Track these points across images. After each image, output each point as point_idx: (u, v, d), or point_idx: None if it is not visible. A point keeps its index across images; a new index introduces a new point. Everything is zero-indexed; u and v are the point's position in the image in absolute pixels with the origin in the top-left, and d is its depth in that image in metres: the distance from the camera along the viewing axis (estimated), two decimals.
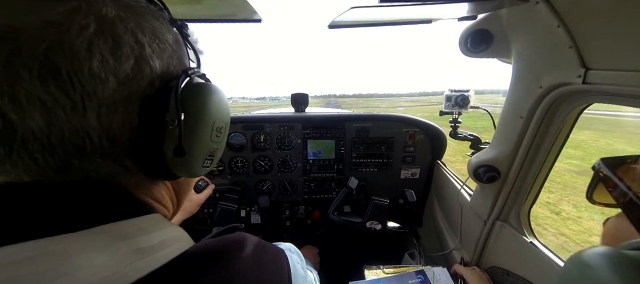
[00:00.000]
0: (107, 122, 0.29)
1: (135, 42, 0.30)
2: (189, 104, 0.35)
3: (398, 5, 0.63)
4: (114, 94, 0.29)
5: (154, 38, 0.32)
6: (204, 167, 0.40)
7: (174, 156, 0.34)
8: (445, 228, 1.41)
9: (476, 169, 0.98)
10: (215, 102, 0.38)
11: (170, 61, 0.35)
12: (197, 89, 0.37)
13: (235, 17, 0.84)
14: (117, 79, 0.28)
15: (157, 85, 0.33)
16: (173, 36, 0.36)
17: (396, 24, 0.89)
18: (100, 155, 0.30)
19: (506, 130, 0.90)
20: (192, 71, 0.37)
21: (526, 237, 0.92)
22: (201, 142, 0.37)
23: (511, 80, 0.85)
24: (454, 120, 1.28)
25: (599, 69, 0.63)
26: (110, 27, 0.28)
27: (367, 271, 1.15)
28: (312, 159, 1.56)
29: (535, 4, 0.68)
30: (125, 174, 0.34)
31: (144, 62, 0.31)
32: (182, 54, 0.38)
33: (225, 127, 0.42)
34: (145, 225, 0.32)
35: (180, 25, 0.39)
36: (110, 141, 0.30)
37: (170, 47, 0.35)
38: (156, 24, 0.34)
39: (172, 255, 0.31)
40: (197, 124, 0.36)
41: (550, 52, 0.71)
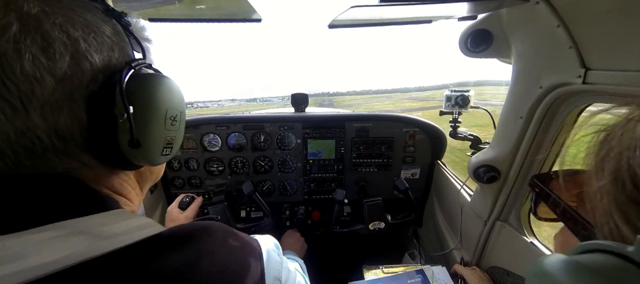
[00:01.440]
0: (54, 121, 0.29)
1: (67, 37, 0.29)
2: (137, 96, 0.34)
3: (398, 4, 0.63)
4: (54, 92, 0.28)
5: (87, 31, 0.31)
6: (163, 155, 0.40)
7: (129, 148, 0.34)
8: (445, 228, 1.41)
9: (476, 169, 0.98)
10: (165, 91, 0.38)
11: (112, 54, 0.34)
12: (144, 80, 0.36)
13: (235, 17, 0.84)
14: (55, 78, 0.28)
15: (101, 79, 0.32)
16: (111, 27, 0.35)
17: (396, 24, 0.89)
18: (54, 153, 0.30)
19: (506, 130, 0.90)
20: (136, 62, 0.36)
21: (526, 237, 0.92)
22: (155, 132, 0.37)
23: (511, 80, 0.85)
24: (454, 120, 1.28)
25: (599, 69, 0.63)
26: (36, 24, 0.27)
27: (366, 271, 1.15)
28: (312, 159, 1.56)
29: (536, 4, 0.68)
30: (83, 169, 0.34)
31: (81, 57, 0.30)
32: (124, 45, 0.37)
33: (180, 115, 0.42)
34: (106, 220, 0.32)
35: (119, 14, 0.37)
36: (61, 139, 0.30)
37: (109, 40, 0.34)
38: (88, 16, 0.33)
39: (137, 238, 0.31)
40: (149, 114, 0.36)
41: (550, 52, 0.71)
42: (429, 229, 1.63)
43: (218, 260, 0.35)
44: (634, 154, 0.21)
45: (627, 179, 0.21)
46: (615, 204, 0.22)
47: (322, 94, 70.14)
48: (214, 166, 1.52)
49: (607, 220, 0.23)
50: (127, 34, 0.39)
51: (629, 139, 0.22)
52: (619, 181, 0.22)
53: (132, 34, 0.39)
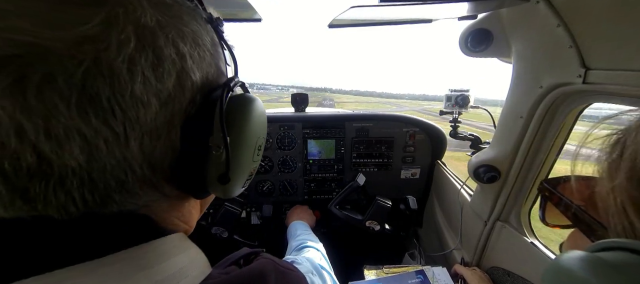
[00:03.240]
0: (150, 150, 0.25)
1: (177, 53, 0.25)
2: (233, 123, 0.30)
3: (398, 4, 0.63)
4: (156, 117, 0.24)
5: (194, 46, 0.27)
6: (242, 188, 0.36)
7: (217, 183, 0.30)
8: (446, 228, 1.41)
9: (476, 169, 0.98)
10: (258, 117, 0.33)
11: (209, 70, 0.30)
12: (239, 103, 0.32)
13: (236, 17, 0.84)
14: (159, 101, 0.24)
15: (199, 101, 0.28)
16: (210, 38, 0.31)
17: (396, 24, 0.89)
18: (141, 186, 0.27)
19: (506, 130, 0.90)
20: (232, 81, 0.31)
21: (527, 237, 0.92)
22: (245, 164, 0.33)
23: (511, 80, 0.85)
24: (454, 120, 1.28)
25: (599, 69, 0.63)
26: (151, 39, 0.23)
27: (366, 271, 1.15)
28: (312, 159, 1.56)
29: (536, 3, 0.68)
30: (161, 199, 0.30)
31: (185, 76, 0.26)
32: (218, 59, 0.32)
33: (264, 142, 0.37)
34: (163, 248, 0.29)
35: (216, 21, 0.32)
36: (151, 169, 0.26)
37: (208, 53, 0.30)
38: (195, 26, 0.28)
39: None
40: (242, 145, 0.32)
41: (550, 52, 0.71)
42: (429, 229, 1.62)
43: None
44: None
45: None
46: (630, 202, 0.23)
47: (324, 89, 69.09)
48: None
49: (621, 219, 0.24)
50: (221, 45, 0.33)
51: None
52: (635, 179, 0.23)
53: (228, 45, 0.34)
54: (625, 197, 0.24)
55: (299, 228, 1.07)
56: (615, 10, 0.55)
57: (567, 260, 0.21)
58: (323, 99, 38.44)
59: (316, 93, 60.73)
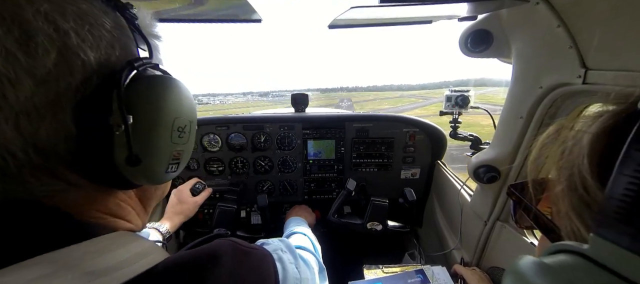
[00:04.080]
0: (31, 132, 0.24)
1: (55, 29, 0.24)
2: (138, 102, 0.29)
3: (398, 5, 0.63)
4: (33, 97, 0.23)
5: (81, 23, 0.26)
6: (168, 173, 0.34)
7: (127, 165, 0.29)
8: (446, 228, 1.41)
9: (476, 169, 0.98)
10: (173, 97, 0.32)
11: (111, 51, 0.29)
12: (147, 83, 0.31)
13: (235, 17, 0.84)
14: (35, 78, 0.23)
15: (95, 82, 0.27)
16: (112, 20, 0.30)
17: (396, 24, 0.89)
18: (31, 173, 0.25)
19: (506, 130, 0.90)
20: (140, 61, 0.31)
21: (526, 237, 0.92)
22: (159, 146, 0.31)
23: (511, 80, 0.85)
24: (454, 120, 1.28)
25: (599, 69, 0.63)
26: (12, 10, 0.22)
27: (366, 271, 1.15)
28: (312, 159, 1.56)
29: (536, 4, 0.68)
30: (70, 191, 0.28)
31: (71, 54, 0.25)
32: (127, 42, 0.32)
33: (190, 125, 0.35)
34: (95, 248, 0.27)
35: (122, 5, 0.32)
36: (41, 154, 0.25)
37: (108, 34, 0.29)
38: (83, 5, 0.27)
39: (136, 272, 0.27)
40: (152, 125, 0.30)
41: (550, 52, 0.71)
42: (429, 229, 1.63)
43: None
44: (583, 161, 0.24)
45: (579, 184, 0.24)
46: (571, 207, 0.25)
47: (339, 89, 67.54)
48: (214, 166, 1.52)
49: (569, 222, 0.25)
50: (131, 29, 0.33)
51: (578, 148, 0.25)
52: (572, 186, 0.24)
53: (137, 29, 0.33)
54: (568, 203, 0.25)
55: (292, 221, 1.07)
56: (615, 10, 0.56)
57: (520, 265, 0.23)
58: (340, 101, 36.00)
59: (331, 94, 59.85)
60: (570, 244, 0.22)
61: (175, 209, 1.12)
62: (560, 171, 0.27)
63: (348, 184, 1.36)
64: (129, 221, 0.35)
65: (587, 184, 0.23)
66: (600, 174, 0.22)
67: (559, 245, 0.23)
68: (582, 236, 0.24)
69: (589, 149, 0.24)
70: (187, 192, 1.19)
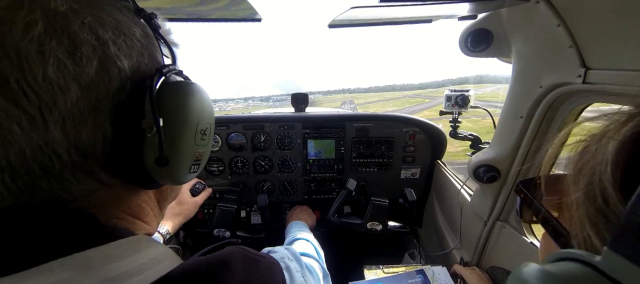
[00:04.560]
0: (75, 135, 0.26)
1: (96, 39, 0.26)
2: (167, 106, 0.31)
3: (398, 4, 0.63)
4: (78, 102, 0.25)
5: (118, 34, 0.28)
6: (190, 173, 0.37)
7: (156, 166, 0.31)
8: (445, 228, 1.41)
9: (476, 169, 0.98)
10: (197, 102, 0.35)
11: (141, 59, 0.31)
12: (175, 89, 0.33)
13: (236, 17, 0.84)
14: (80, 85, 0.25)
15: (129, 88, 0.29)
16: (141, 30, 0.32)
17: (396, 24, 0.89)
18: (72, 172, 0.27)
19: (506, 130, 0.90)
20: (167, 68, 0.33)
21: (526, 237, 0.92)
22: (185, 147, 0.34)
23: (511, 79, 0.85)
24: (454, 120, 1.28)
25: (599, 69, 0.63)
26: (63, 24, 0.24)
27: (366, 271, 1.15)
28: (312, 159, 1.56)
29: (536, 3, 0.68)
30: (102, 190, 0.30)
31: (109, 62, 0.27)
32: (153, 50, 0.34)
33: (210, 128, 0.38)
34: (115, 251, 0.28)
35: (149, 16, 0.34)
36: (81, 155, 0.27)
37: (139, 43, 0.31)
38: (119, 16, 0.29)
39: (150, 279, 0.28)
40: (179, 128, 0.33)
41: (550, 52, 0.71)
42: (429, 229, 1.63)
43: None
44: (605, 169, 0.22)
45: (598, 193, 0.22)
46: (586, 216, 0.24)
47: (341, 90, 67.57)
48: (214, 165, 1.52)
49: (581, 229, 0.24)
50: (156, 37, 0.35)
51: (602, 154, 0.23)
52: (591, 195, 0.23)
53: (162, 37, 0.35)
54: (583, 212, 0.24)
55: (294, 226, 1.06)
56: (615, 10, 0.55)
57: (524, 272, 0.22)
58: (342, 103, 35.38)
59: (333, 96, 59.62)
60: (579, 253, 0.21)
61: (175, 210, 1.13)
62: (580, 175, 0.25)
63: (348, 183, 1.36)
64: (146, 222, 0.37)
65: (607, 194, 0.21)
66: (623, 186, 0.21)
67: (567, 253, 0.22)
68: (594, 246, 0.23)
69: (614, 157, 0.22)
70: (186, 193, 1.20)
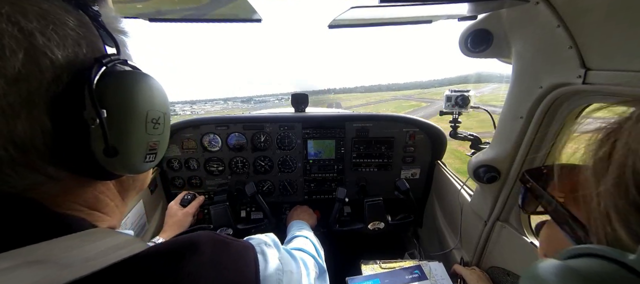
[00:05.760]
0: (8, 129, 0.25)
1: (19, 30, 0.25)
2: (110, 96, 0.30)
3: (398, 5, 0.63)
4: (6, 96, 0.24)
5: (44, 23, 0.27)
6: (147, 162, 0.36)
7: (105, 157, 0.30)
8: (445, 228, 1.41)
9: (476, 169, 0.98)
10: (144, 91, 0.34)
11: (78, 49, 0.30)
12: (118, 78, 0.32)
13: (235, 17, 0.84)
14: (6, 79, 0.24)
15: (66, 79, 0.28)
16: (75, 18, 0.31)
17: (396, 24, 0.89)
18: (12, 167, 0.26)
19: (506, 130, 0.90)
20: (108, 58, 0.32)
21: (526, 237, 0.92)
22: (135, 137, 0.33)
23: (511, 80, 0.85)
24: (454, 120, 1.28)
25: (599, 69, 0.63)
26: None
27: (364, 266, 1.16)
28: (312, 159, 1.56)
29: (536, 4, 0.68)
30: (50, 183, 0.29)
31: (38, 53, 0.26)
32: (93, 39, 0.33)
33: (164, 116, 0.37)
34: (74, 242, 0.28)
35: (84, 3, 0.32)
36: (19, 150, 0.26)
37: (73, 32, 0.30)
38: (44, 4, 0.28)
39: (108, 262, 0.28)
40: (125, 118, 0.32)
41: (550, 52, 0.71)
42: (429, 229, 1.63)
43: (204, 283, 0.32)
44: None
45: (631, 184, 0.20)
46: (614, 209, 0.22)
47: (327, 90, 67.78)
48: (214, 166, 1.53)
49: (604, 224, 0.23)
50: (96, 26, 0.34)
51: (638, 141, 0.21)
52: (622, 186, 0.21)
53: (102, 26, 0.34)
54: (611, 204, 0.22)
55: (294, 225, 1.07)
56: (615, 10, 0.55)
57: (541, 269, 0.21)
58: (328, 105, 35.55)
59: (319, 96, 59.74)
60: (608, 250, 0.19)
61: (169, 222, 1.18)
62: (604, 164, 0.23)
63: (338, 193, 1.35)
64: (106, 213, 0.37)
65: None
66: None
67: (590, 248, 0.20)
68: (620, 242, 0.21)
69: None
70: (176, 206, 1.23)
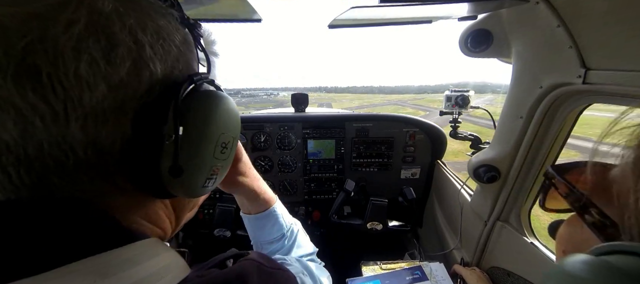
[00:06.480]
0: (94, 134, 0.25)
1: (134, 42, 0.26)
2: (190, 115, 0.30)
3: (398, 5, 0.63)
4: (103, 101, 0.25)
5: (156, 38, 0.28)
6: (203, 188, 0.35)
7: (169, 175, 0.30)
8: (446, 228, 1.41)
9: (476, 169, 0.98)
10: (222, 113, 0.34)
11: (176, 65, 0.31)
12: (201, 97, 0.32)
13: (236, 17, 0.84)
14: (109, 85, 0.24)
15: (157, 91, 0.28)
16: (182, 36, 0.32)
17: (396, 24, 0.89)
18: (86, 171, 0.26)
19: (506, 130, 0.90)
20: (199, 76, 0.32)
21: (527, 237, 0.92)
22: (202, 159, 0.33)
23: (511, 80, 0.85)
24: (454, 120, 1.28)
25: (599, 69, 0.63)
26: (105, 24, 0.24)
27: (364, 267, 1.16)
28: (312, 159, 1.56)
29: (535, 4, 0.68)
30: (116, 193, 0.29)
31: (142, 65, 0.27)
32: (190, 57, 0.33)
33: (233, 141, 0.37)
34: (131, 255, 0.28)
35: (193, 24, 0.34)
36: (97, 154, 0.26)
37: (176, 49, 0.31)
38: (162, 22, 0.29)
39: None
40: (198, 137, 0.32)
41: (550, 52, 0.71)
42: (429, 229, 1.63)
43: None
44: None
45: None
46: None
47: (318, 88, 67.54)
48: None
49: (639, 223, 0.22)
50: (196, 45, 0.35)
51: None
52: None
53: (202, 46, 0.35)
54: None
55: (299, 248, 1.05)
56: (615, 10, 0.55)
57: (572, 265, 0.19)
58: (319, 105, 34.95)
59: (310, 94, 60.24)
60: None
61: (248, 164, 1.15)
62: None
63: (347, 185, 1.36)
64: (163, 229, 0.36)
65: None
66: None
67: (625, 246, 0.19)
68: None
69: None
70: None
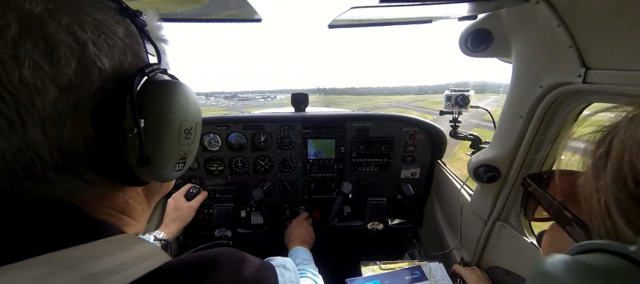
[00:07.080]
0: (56, 137, 0.26)
1: (75, 41, 0.26)
2: (149, 107, 0.31)
3: (398, 5, 0.63)
4: (57, 104, 0.25)
5: (97, 33, 0.28)
6: (175, 171, 0.37)
7: (139, 165, 0.31)
8: (446, 228, 1.41)
9: (476, 169, 0.98)
10: (180, 101, 0.34)
11: (124, 58, 0.31)
12: (157, 88, 0.33)
13: (235, 17, 0.84)
14: (58, 87, 0.25)
15: (110, 88, 0.29)
16: (124, 28, 0.32)
17: (396, 24, 0.89)
18: (55, 172, 0.27)
19: (506, 130, 0.90)
20: (150, 67, 0.32)
21: (526, 237, 0.92)
22: (168, 147, 0.34)
23: (511, 80, 0.85)
24: (454, 120, 1.28)
25: (599, 69, 0.63)
26: (38, 25, 0.24)
27: (363, 267, 1.15)
28: (312, 158, 1.56)
29: (536, 3, 0.68)
30: (87, 188, 0.30)
31: (89, 63, 0.27)
32: (138, 48, 0.33)
33: (196, 127, 0.37)
34: (100, 249, 0.28)
35: (133, 13, 0.33)
36: (63, 156, 0.27)
37: (121, 42, 0.30)
38: (99, 15, 0.29)
39: (136, 275, 0.28)
40: (161, 128, 0.33)
41: (550, 52, 0.71)
42: (429, 229, 1.63)
43: None
44: (637, 151, 0.21)
45: (629, 178, 0.21)
46: (615, 203, 0.22)
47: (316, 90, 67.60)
48: (214, 165, 1.52)
49: (604, 220, 0.23)
50: (141, 36, 0.34)
51: (632, 137, 0.22)
52: (621, 180, 0.22)
53: (147, 35, 0.35)
54: (610, 198, 0.23)
55: (299, 254, 1.01)
56: (615, 10, 0.55)
57: (550, 265, 0.21)
58: None
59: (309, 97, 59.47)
60: (611, 244, 0.20)
61: (172, 216, 1.15)
62: (602, 162, 0.24)
63: (343, 187, 1.35)
64: (134, 218, 0.37)
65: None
66: None
67: (594, 244, 0.21)
68: (620, 235, 0.22)
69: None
70: (182, 199, 1.22)
